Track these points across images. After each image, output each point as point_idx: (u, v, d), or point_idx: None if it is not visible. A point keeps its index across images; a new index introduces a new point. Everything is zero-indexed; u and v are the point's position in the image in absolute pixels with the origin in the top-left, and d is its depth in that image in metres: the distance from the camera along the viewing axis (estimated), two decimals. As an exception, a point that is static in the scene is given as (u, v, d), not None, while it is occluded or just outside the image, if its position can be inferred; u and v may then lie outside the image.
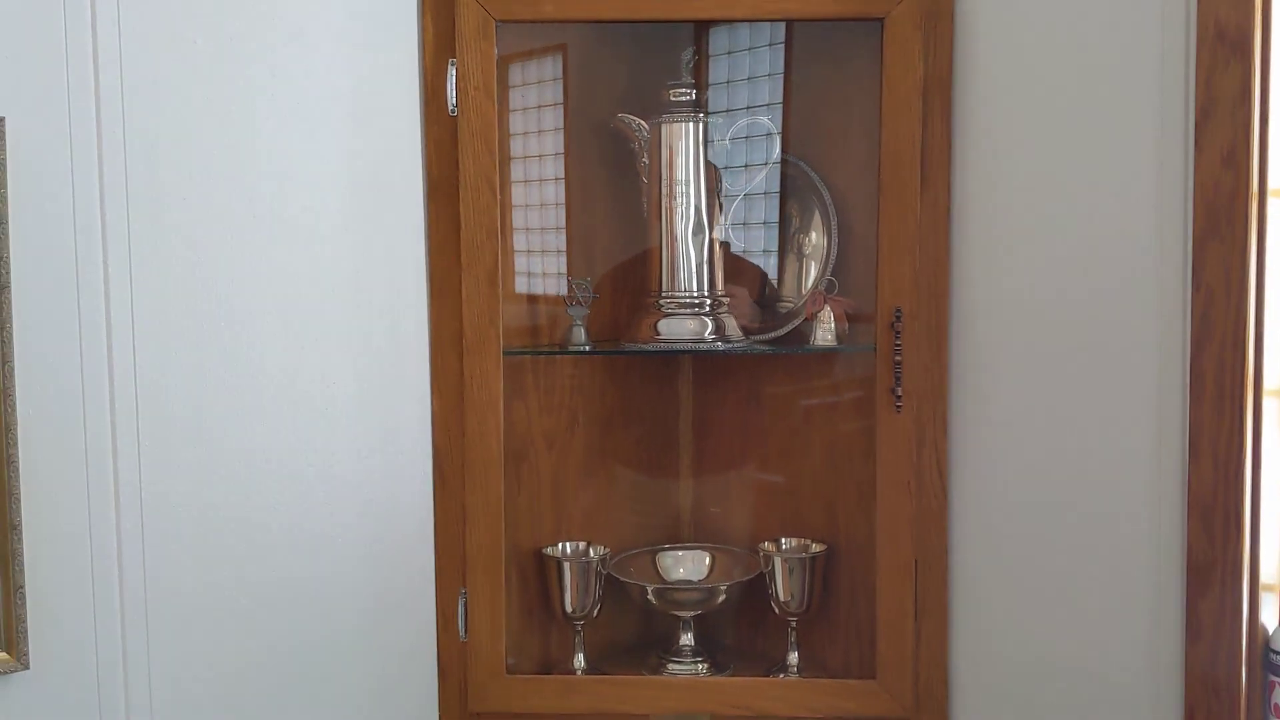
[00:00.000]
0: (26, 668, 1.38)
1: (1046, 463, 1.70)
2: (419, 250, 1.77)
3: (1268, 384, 1.49)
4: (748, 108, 1.95)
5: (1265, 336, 1.48)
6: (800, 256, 2.03)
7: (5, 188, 1.33)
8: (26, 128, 1.36)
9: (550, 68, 1.95)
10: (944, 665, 1.81)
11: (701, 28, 1.94)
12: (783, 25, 1.88)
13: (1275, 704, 1.50)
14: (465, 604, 1.81)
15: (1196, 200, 1.50)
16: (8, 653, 1.37)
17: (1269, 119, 1.45)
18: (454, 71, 1.73)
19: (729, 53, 1.95)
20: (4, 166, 1.33)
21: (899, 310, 1.72)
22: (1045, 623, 1.72)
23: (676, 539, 2.13)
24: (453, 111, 1.74)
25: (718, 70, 1.94)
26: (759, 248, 2.02)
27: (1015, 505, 1.74)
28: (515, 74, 1.86)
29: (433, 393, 1.80)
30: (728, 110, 1.94)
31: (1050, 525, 1.70)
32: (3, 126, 1.33)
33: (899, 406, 1.74)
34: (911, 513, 1.77)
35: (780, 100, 1.93)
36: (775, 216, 2.01)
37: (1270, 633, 1.52)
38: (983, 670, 1.79)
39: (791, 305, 2.02)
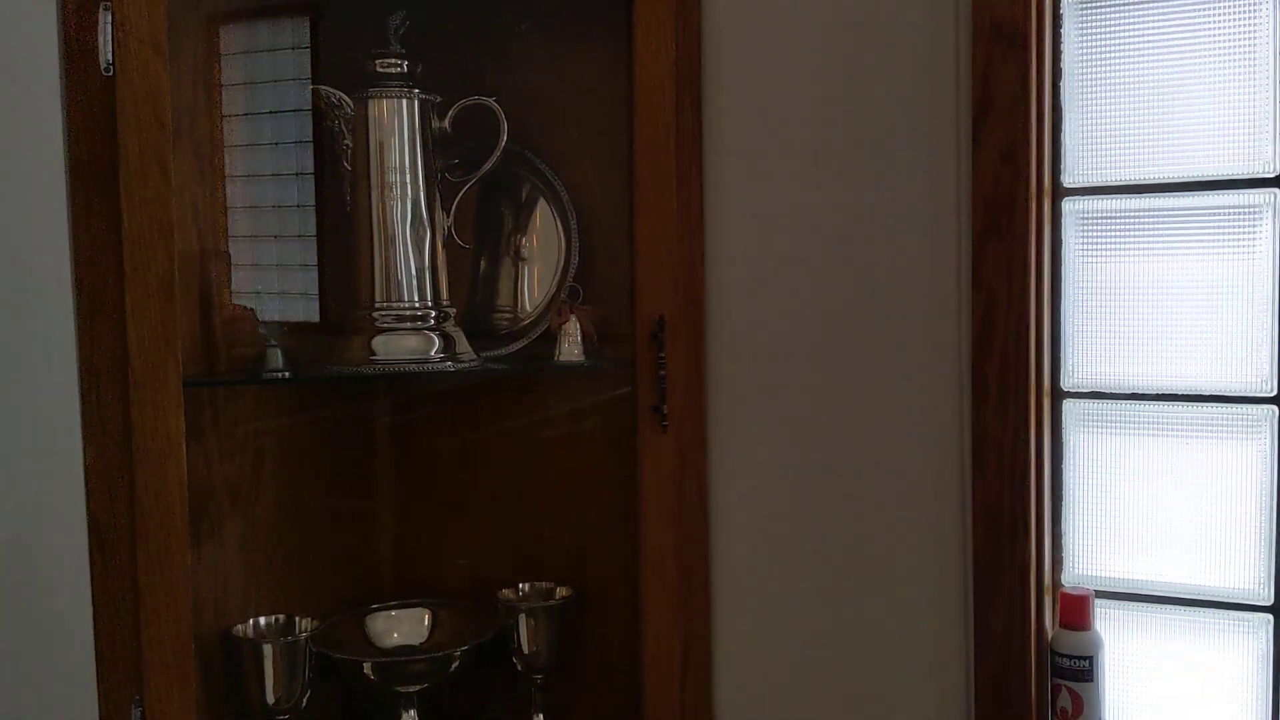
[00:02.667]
0: None
1: (817, 477, 1.59)
2: (61, 251, 1.33)
3: (1047, 385, 1.48)
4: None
5: (1044, 338, 1.46)
6: (517, 261, 1.79)
7: None
8: None
9: (228, 28, 1.57)
10: (710, 706, 1.66)
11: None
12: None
13: (1062, 708, 1.48)
14: (142, 714, 1.39)
15: (975, 198, 1.45)
16: None
17: (1044, 116, 1.43)
18: (108, 19, 1.32)
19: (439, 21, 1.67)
20: None
21: (662, 319, 1.54)
22: (819, 648, 1.61)
23: (382, 596, 1.80)
24: (107, 70, 1.32)
25: (429, 41, 1.64)
26: (471, 251, 1.76)
27: (780, 525, 1.62)
28: (183, 24, 1.46)
29: (85, 443, 1.36)
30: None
31: (822, 543, 1.60)
32: None
33: (665, 425, 1.56)
34: (674, 544, 1.60)
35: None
36: (487, 215, 1.77)
37: (1051, 636, 1.51)
38: (751, 707, 1.66)
39: (510, 316, 1.79)
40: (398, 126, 1.57)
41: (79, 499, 1.36)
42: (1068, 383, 1.51)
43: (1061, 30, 1.47)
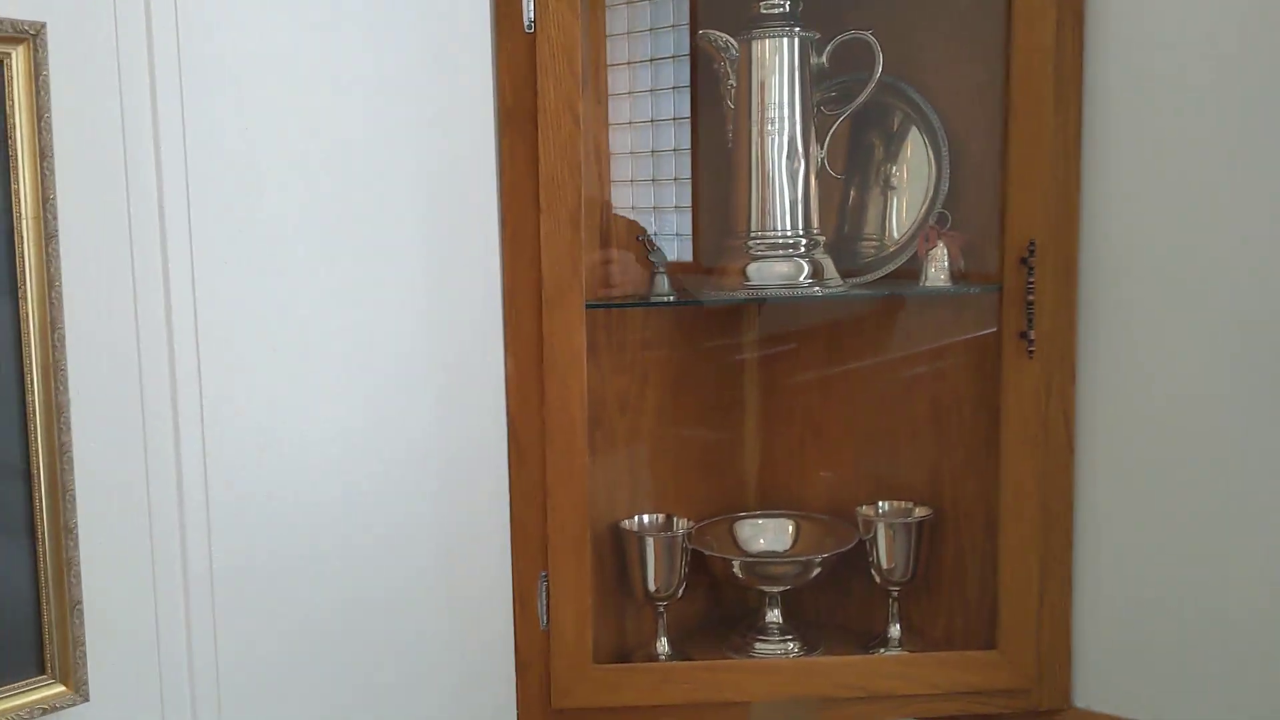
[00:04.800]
0: (86, 699, 1.13)
1: (1190, 413, 1.56)
2: (490, 188, 1.54)
3: None
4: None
5: None
6: (886, 190, 1.84)
7: (49, 112, 1.06)
8: (71, 40, 1.08)
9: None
10: (1068, 634, 1.68)
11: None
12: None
13: None
14: (546, 588, 1.60)
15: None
16: (64, 683, 1.12)
17: None
18: (530, -20, 1.49)
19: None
20: (47, 85, 1.05)
21: (1033, 244, 1.55)
22: (1181, 587, 1.59)
23: (744, 506, 1.95)
24: (529, 28, 1.50)
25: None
26: (841, 181, 1.83)
27: (1149, 458, 1.60)
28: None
29: (506, 353, 1.58)
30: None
31: (1190, 480, 1.57)
32: (44, 34, 1.05)
33: (1031, 351, 1.57)
34: (1037, 471, 1.62)
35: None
36: (858, 145, 1.83)
37: None
38: (1109, 639, 1.66)
39: (876, 244, 1.84)
40: (779, 65, 1.66)
41: (501, 403, 1.58)
42: None
43: None
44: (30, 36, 1.06)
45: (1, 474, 1.08)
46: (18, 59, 1.06)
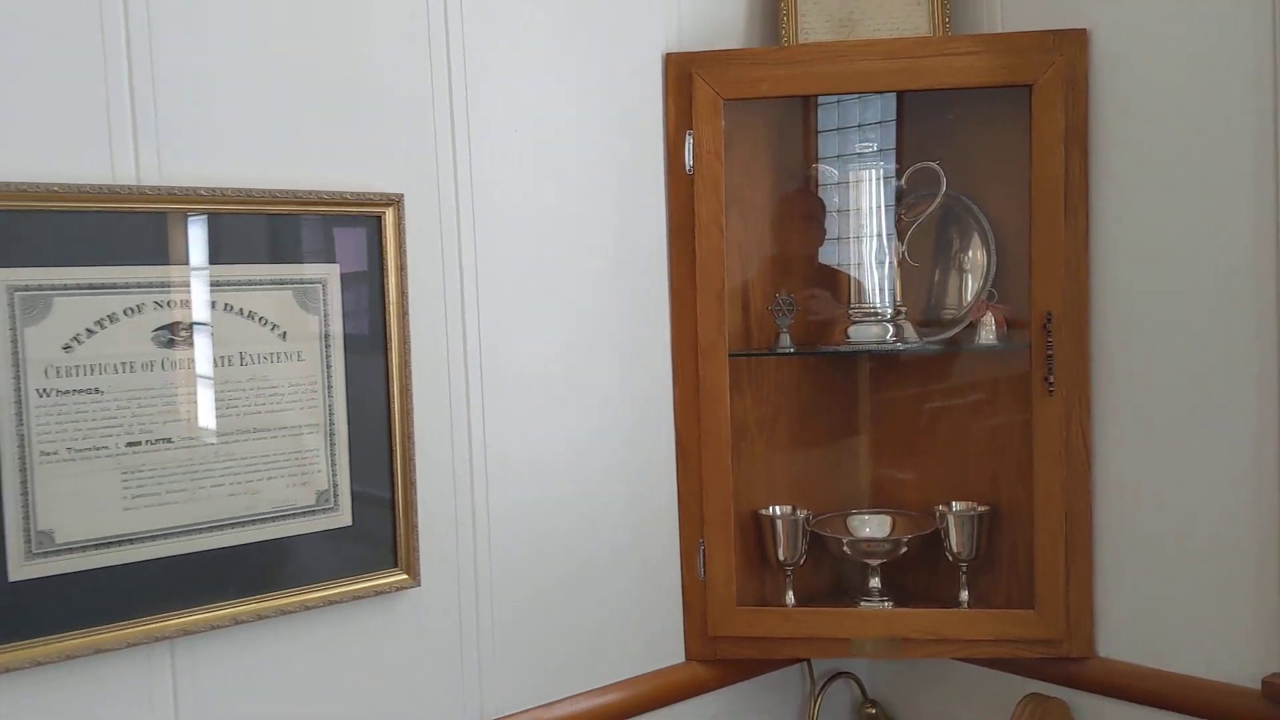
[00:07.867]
0: (419, 585, 1.94)
1: (1171, 435, 2.12)
2: (663, 276, 2.30)
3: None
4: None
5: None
6: (960, 272, 2.48)
7: (406, 244, 1.89)
8: (415, 201, 1.92)
9: (762, 128, 2.45)
10: (1090, 600, 2.24)
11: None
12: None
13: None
14: (703, 552, 2.32)
15: (1290, 221, 1.91)
16: (408, 573, 1.93)
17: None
18: (690, 140, 2.25)
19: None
20: (404, 229, 1.89)
21: (1049, 314, 2.17)
22: (1172, 566, 2.14)
23: (860, 505, 2.60)
24: (689, 171, 2.25)
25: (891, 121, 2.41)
26: (928, 266, 2.49)
27: (1145, 471, 2.16)
28: (737, 136, 2.36)
29: (674, 387, 2.32)
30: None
31: (1174, 487, 2.12)
32: (403, 200, 1.89)
33: (1051, 392, 2.18)
34: (1062, 478, 2.21)
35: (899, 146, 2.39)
36: (941, 240, 2.47)
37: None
38: (1121, 603, 2.22)
39: (954, 313, 2.48)
40: (869, 187, 2.35)
41: (670, 422, 2.31)
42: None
43: (1376, 87, 1.87)
44: (396, 201, 1.90)
45: (378, 468, 1.91)
46: (390, 215, 1.89)
